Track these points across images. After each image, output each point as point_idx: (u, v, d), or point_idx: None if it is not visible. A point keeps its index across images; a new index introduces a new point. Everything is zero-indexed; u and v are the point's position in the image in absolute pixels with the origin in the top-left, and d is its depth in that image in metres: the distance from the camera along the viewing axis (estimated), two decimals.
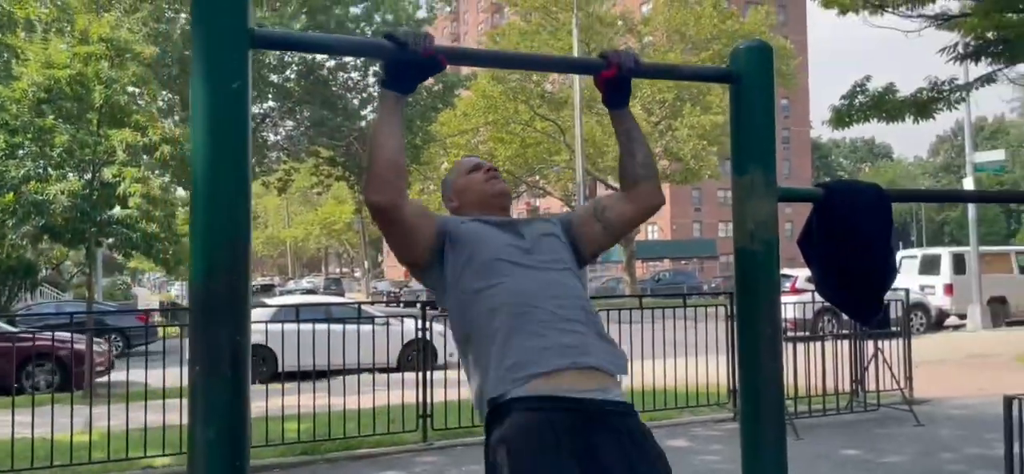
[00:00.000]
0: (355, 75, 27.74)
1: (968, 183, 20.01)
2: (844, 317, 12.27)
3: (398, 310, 17.21)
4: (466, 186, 2.35)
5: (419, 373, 7.47)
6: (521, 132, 33.24)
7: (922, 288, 18.79)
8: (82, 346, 10.09)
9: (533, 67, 2.46)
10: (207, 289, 1.61)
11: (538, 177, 37.21)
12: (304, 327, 7.43)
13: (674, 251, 55.01)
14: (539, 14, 33.28)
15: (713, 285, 41.15)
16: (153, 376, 7.17)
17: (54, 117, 10.83)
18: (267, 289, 38.48)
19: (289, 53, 26.11)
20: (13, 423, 6.62)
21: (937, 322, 19.01)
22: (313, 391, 7.28)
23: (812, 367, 8.11)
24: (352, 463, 6.96)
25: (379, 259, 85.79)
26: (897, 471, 6.33)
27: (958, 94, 8.54)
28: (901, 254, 20.69)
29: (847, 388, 8.49)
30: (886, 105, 8.55)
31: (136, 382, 7.96)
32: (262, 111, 28.04)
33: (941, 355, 12.94)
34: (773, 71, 2.21)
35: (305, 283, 53.11)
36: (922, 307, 18.10)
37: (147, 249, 11.17)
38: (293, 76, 26.51)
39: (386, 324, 11.37)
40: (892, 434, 7.46)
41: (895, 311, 9.10)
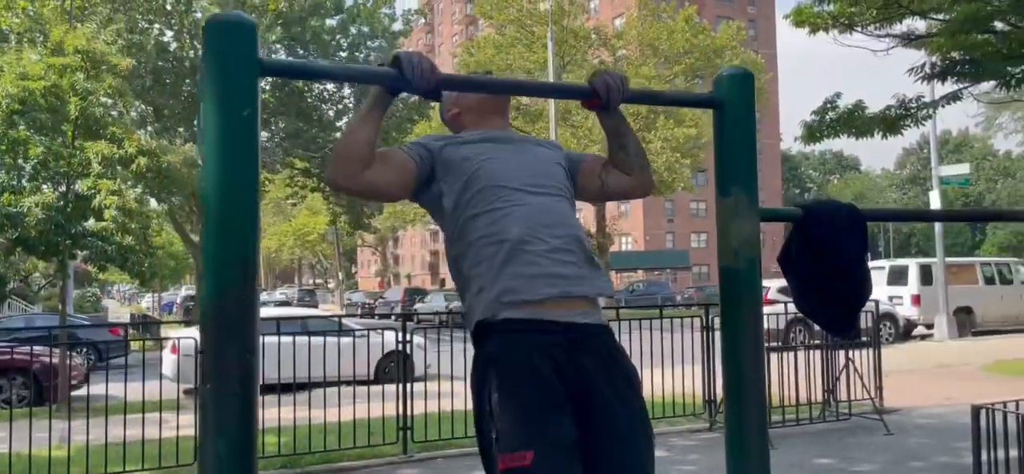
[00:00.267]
0: (330, 86, 27.72)
1: (934, 195, 20.41)
2: (816, 328, 12.47)
3: (378, 323, 17.17)
4: (463, 93, 2.43)
5: (399, 385, 7.51)
6: None
7: (890, 299, 19.13)
8: (56, 359, 9.99)
9: (527, 93, 2.53)
10: (218, 308, 1.67)
11: None
12: (283, 339, 7.44)
13: (647, 262, 55.37)
14: (514, 27, 33.48)
15: (686, 295, 41.50)
16: (127, 389, 7.16)
17: (28, 129, 10.75)
18: None
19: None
20: None
21: (905, 332, 19.36)
22: (293, 404, 7.29)
23: (785, 377, 8.25)
24: None
25: (353, 270, 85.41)
26: None
27: (925, 111, 8.78)
28: (869, 265, 21.01)
29: (819, 398, 8.65)
30: (856, 122, 8.77)
31: (110, 395, 7.89)
32: None
33: (910, 365, 13.21)
34: (754, 97, 2.32)
35: (278, 295, 52.72)
36: (890, 317, 18.41)
37: (122, 262, 11.10)
38: (268, 87, 26.39)
39: (366, 336, 11.37)
40: (864, 443, 7.62)
41: (865, 322, 9.29)
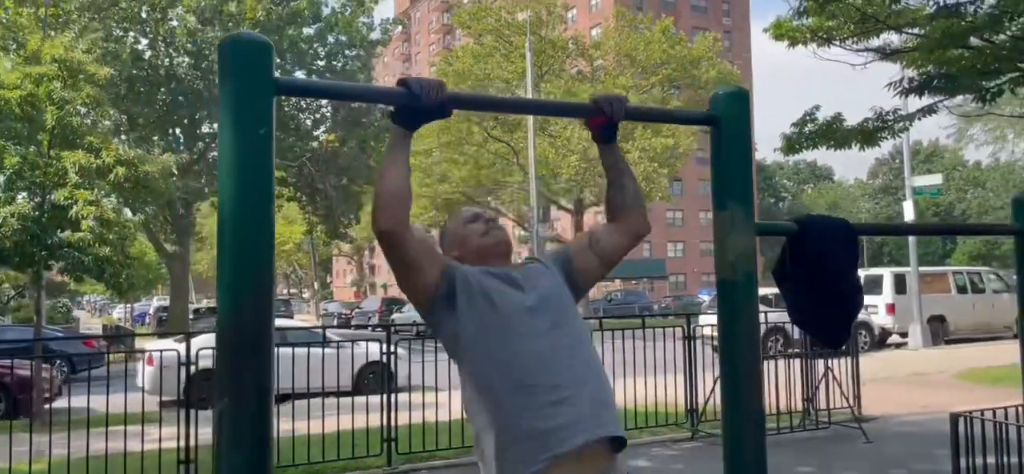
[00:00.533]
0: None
1: (908, 205, 20.73)
2: (794, 337, 12.60)
3: (363, 333, 17.11)
4: (465, 236, 2.37)
5: (383, 396, 7.50)
6: (475, 153, 33.40)
7: (865, 307, 19.37)
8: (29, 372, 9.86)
9: (533, 112, 2.59)
10: (234, 325, 1.70)
11: (492, 198, 37.37)
12: None
13: (624, 271, 55.51)
14: (492, 37, 33.58)
15: (663, 304, 41.70)
16: (101, 401, 7.10)
17: (2, 138, 10.62)
18: (214, 312, 37.71)
19: None
20: None
21: (880, 341, 19.60)
22: (277, 415, 7.24)
23: (765, 386, 8.32)
24: None
25: (328, 280, 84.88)
26: None
27: (902, 123, 8.96)
28: None
29: (799, 407, 8.75)
30: (834, 133, 8.92)
31: (85, 408, 7.81)
32: (213, 131, 27.71)
33: (886, 373, 13.38)
34: (750, 115, 2.37)
35: None
36: (866, 326, 18.65)
37: (99, 273, 10.97)
38: None
39: (347, 347, 11.32)
40: (844, 451, 7.72)
41: None
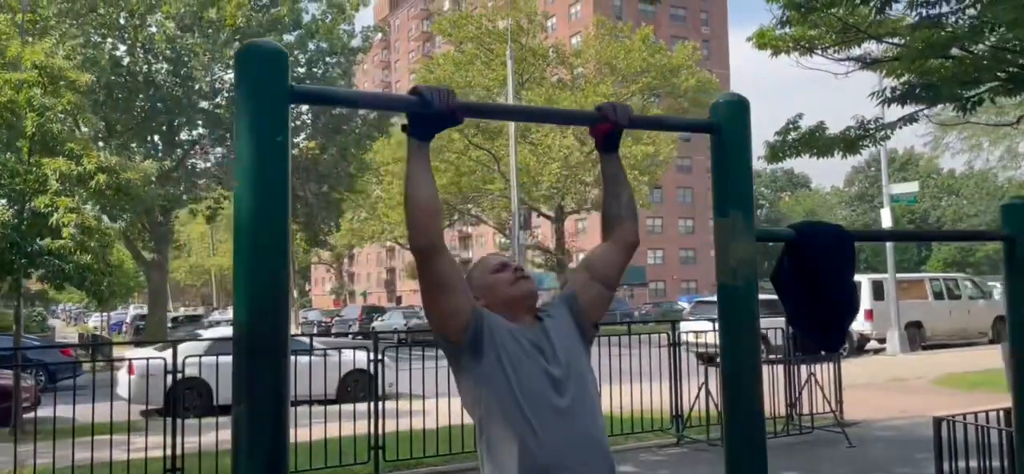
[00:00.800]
0: None
1: (885, 213, 21.00)
2: (776, 342, 12.74)
3: (346, 341, 17.04)
4: (492, 285, 2.32)
5: (370, 404, 7.49)
6: (456, 161, 33.40)
7: None
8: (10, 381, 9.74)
9: (541, 120, 2.60)
10: (250, 331, 1.71)
11: (472, 205, 37.38)
12: None
13: None
14: (473, 44, 33.64)
15: (643, 311, 41.85)
16: (84, 411, 7.05)
17: None
18: (194, 320, 37.48)
19: (219, 81, 25.78)
20: None
21: (859, 346, 19.82)
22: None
23: None
24: None
25: (307, 288, 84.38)
26: None
27: (883, 132, 9.10)
28: None
29: (782, 412, 8.83)
30: (817, 142, 9.04)
31: (64, 418, 7.73)
32: (192, 138, 27.53)
33: (865, 379, 13.54)
34: (750, 122, 2.41)
35: (231, 313, 51.84)
36: None
37: (80, 281, 10.87)
38: (224, 103, 26.12)
39: (330, 354, 11.28)
40: (828, 455, 7.81)
41: None
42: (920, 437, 7.74)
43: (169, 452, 6.86)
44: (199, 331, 16.73)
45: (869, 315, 20.06)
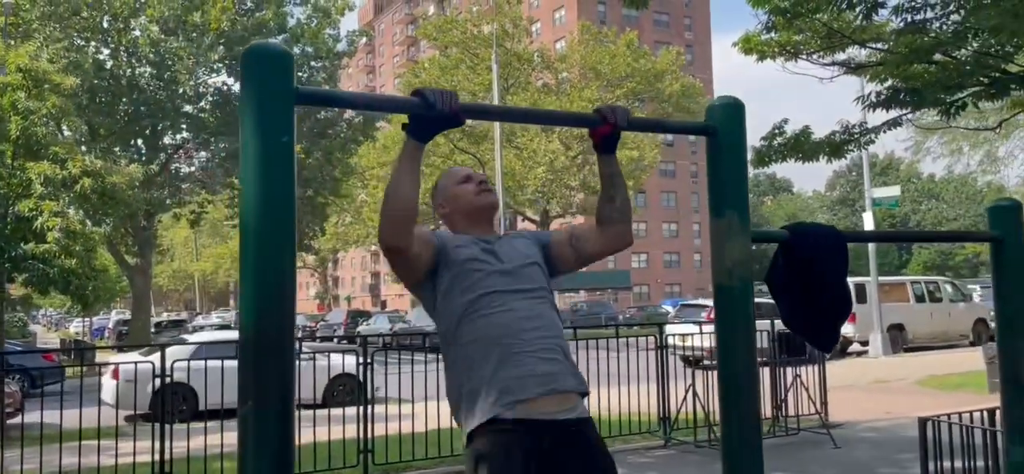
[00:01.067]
0: None
1: (867, 216, 21.18)
2: (761, 345, 12.79)
3: (336, 346, 16.99)
4: (457, 195, 2.51)
5: (359, 408, 7.48)
6: (441, 165, 33.36)
7: None
8: None
9: (540, 122, 2.61)
10: (257, 330, 1.72)
11: None
12: (227, 363, 7.27)
13: (590, 282, 55.77)
14: (458, 49, 33.65)
15: (627, 315, 41.92)
16: (67, 416, 7.00)
17: None
18: (177, 324, 37.21)
19: (203, 85, 25.66)
20: None
21: (842, 349, 19.97)
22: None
23: None
24: None
25: None
26: None
27: (868, 136, 9.20)
28: None
29: (768, 414, 8.89)
30: (802, 146, 9.13)
31: (48, 423, 7.66)
32: (175, 142, 27.36)
33: (849, 381, 13.64)
34: (745, 124, 2.44)
35: (215, 318, 51.55)
36: None
37: (65, 285, 10.78)
38: (208, 107, 26.00)
39: (314, 359, 11.25)
40: (813, 457, 7.87)
41: None
42: (904, 438, 7.82)
43: (157, 457, 6.82)
44: (184, 336, 16.63)
45: (852, 318, 20.21)
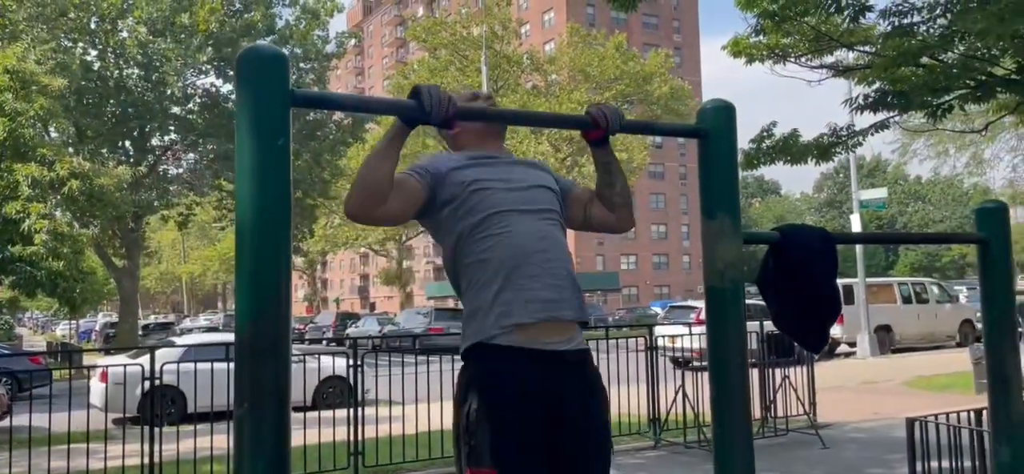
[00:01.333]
0: None
1: (854, 218, 21.32)
2: (750, 346, 12.86)
3: (326, 348, 16.96)
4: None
5: (350, 410, 7.47)
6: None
7: None
8: None
9: (532, 123, 2.62)
10: (254, 331, 1.72)
11: None
12: (216, 366, 7.25)
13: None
14: (447, 51, 33.66)
15: (616, 317, 41.98)
16: (54, 419, 6.98)
17: None
18: (165, 327, 37.03)
19: (192, 86, 25.55)
20: None
21: (830, 350, 20.07)
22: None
23: None
24: None
25: None
26: None
27: (856, 139, 9.28)
28: None
29: (757, 414, 8.93)
30: (791, 149, 9.18)
31: (36, 426, 7.63)
32: (163, 143, 27.24)
33: (837, 382, 13.72)
34: (736, 127, 2.46)
35: (203, 320, 51.36)
36: None
37: (52, 288, 10.73)
38: (196, 108, 25.89)
39: (303, 362, 11.25)
40: (802, 457, 7.92)
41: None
42: (892, 438, 7.88)
43: (146, 460, 6.80)
44: (172, 338, 16.54)
45: (840, 319, 20.31)
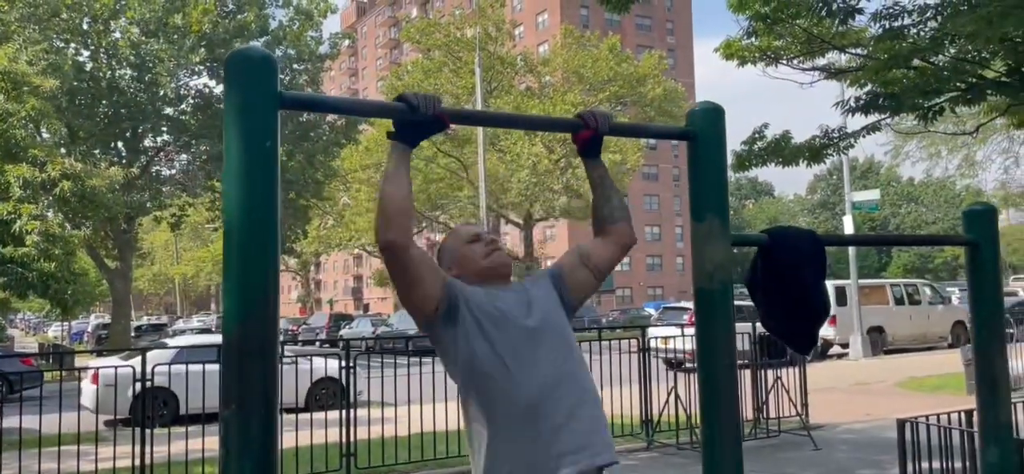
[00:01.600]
0: None
1: (847, 220, 21.38)
2: (742, 347, 12.90)
3: (318, 350, 16.92)
4: (465, 257, 2.38)
5: (342, 411, 7.46)
6: (424, 168, 33.36)
7: None
8: None
9: (520, 127, 2.63)
10: (241, 333, 1.72)
11: (441, 213, 37.34)
12: (208, 368, 7.25)
13: None
14: (441, 52, 33.65)
15: (610, 318, 42.00)
16: (45, 421, 6.94)
17: None
18: (158, 328, 36.92)
19: (185, 87, 25.49)
20: None
21: (822, 351, 20.11)
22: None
23: None
24: None
25: None
26: None
27: (848, 141, 9.31)
28: None
29: (749, 416, 8.94)
30: (783, 151, 9.21)
31: (26, 428, 7.60)
32: (156, 144, 27.17)
33: (829, 383, 13.75)
34: (725, 129, 2.47)
35: (196, 321, 51.21)
36: None
37: (44, 289, 10.68)
38: (189, 109, 25.83)
39: (295, 363, 11.23)
40: (794, 458, 7.93)
41: None
42: (884, 439, 7.90)
43: (137, 462, 6.78)
44: (165, 340, 16.49)
45: (832, 320, 20.35)
